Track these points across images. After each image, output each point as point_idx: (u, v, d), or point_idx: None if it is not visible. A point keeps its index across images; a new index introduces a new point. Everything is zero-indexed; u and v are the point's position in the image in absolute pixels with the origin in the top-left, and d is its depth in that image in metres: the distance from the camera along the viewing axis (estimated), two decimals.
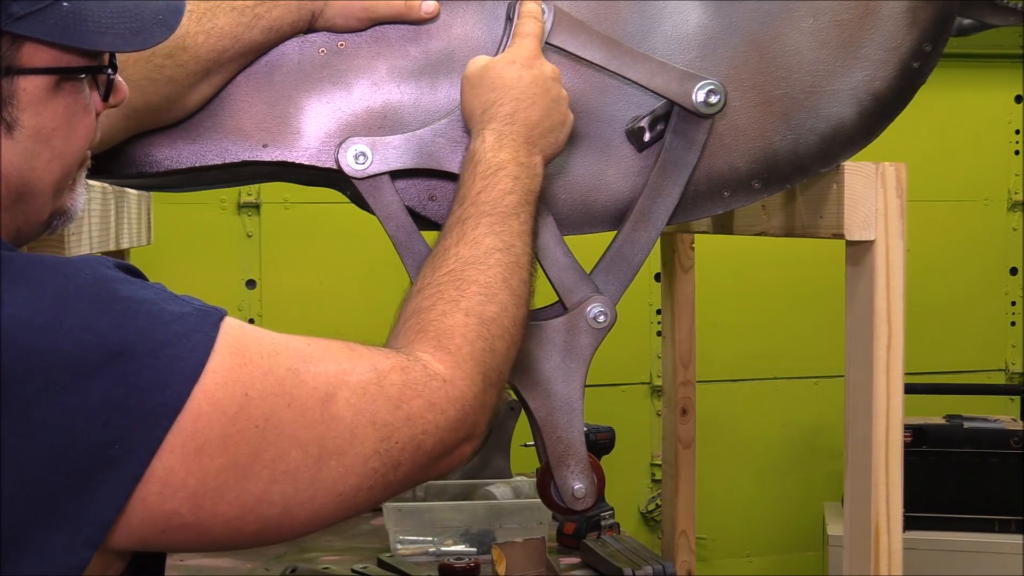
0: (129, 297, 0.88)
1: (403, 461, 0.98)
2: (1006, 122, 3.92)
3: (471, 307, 1.07)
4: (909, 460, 1.47)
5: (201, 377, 0.88)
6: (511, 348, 1.09)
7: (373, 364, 0.98)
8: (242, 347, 0.92)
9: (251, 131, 1.29)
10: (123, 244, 1.96)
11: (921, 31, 1.35)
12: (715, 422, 3.61)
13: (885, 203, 1.30)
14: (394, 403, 0.97)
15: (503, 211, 1.14)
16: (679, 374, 2.28)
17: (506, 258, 1.11)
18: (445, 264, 1.11)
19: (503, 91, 1.21)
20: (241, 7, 1.24)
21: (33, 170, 0.95)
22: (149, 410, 0.86)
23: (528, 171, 1.18)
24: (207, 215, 3.41)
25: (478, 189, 1.15)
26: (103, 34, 0.94)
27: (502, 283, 1.10)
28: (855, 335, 1.33)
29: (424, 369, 1.00)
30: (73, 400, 0.84)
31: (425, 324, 1.06)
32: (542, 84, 1.22)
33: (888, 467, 1.30)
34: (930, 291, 3.76)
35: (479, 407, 1.03)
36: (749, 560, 3.86)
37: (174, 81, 1.20)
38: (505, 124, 1.19)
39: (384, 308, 3.98)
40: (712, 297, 3.22)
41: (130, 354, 0.85)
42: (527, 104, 1.21)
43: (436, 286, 1.09)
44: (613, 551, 2.16)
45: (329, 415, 0.94)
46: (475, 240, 1.12)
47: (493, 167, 1.17)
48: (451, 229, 1.14)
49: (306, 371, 0.94)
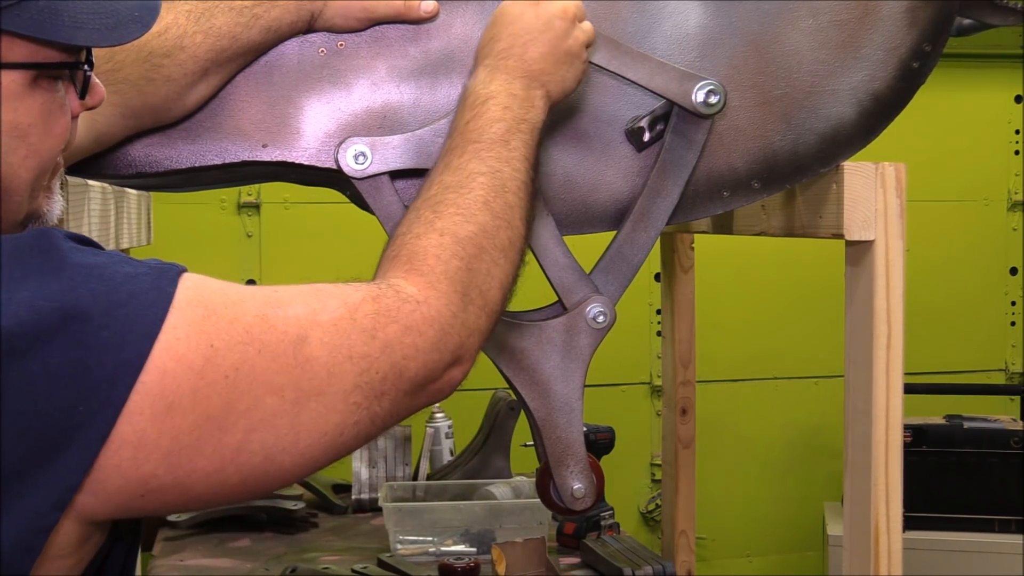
0: (79, 263, 0.88)
1: (386, 391, 0.97)
2: (1006, 122, 3.92)
3: (446, 227, 1.05)
4: (909, 460, 1.47)
5: (161, 333, 0.87)
6: (493, 268, 1.07)
7: (343, 299, 0.97)
8: (204, 299, 0.91)
9: (251, 131, 1.29)
10: (123, 244, 1.96)
11: (921, 31, 1.35)
12: (715, 422, 3.61)
13: (885, 203, 1.30)
14: (369, 334, 0.96)
15: (490, 138, 1.13)
16: (679, 374, 2.28)
17: (490, 181, 1.10)
18: (427, 192, 1.10)
19: (502, 27, 1.21)
20: (239, 7, 1.24)
21: (9, 166, 0.94)
22: (110, 370, 0.85)
23: (521, 102, 1.17)
24: (207, 215, 3.42)
25: (466, 119, 1.15)
26: (79, 29, 0.94)
27: (482, 205, 1.08)
28: (855, 335, 1.33)
29: (396, 294, 0.99)
30: (34, 366, 0.83)
31: (399, 249, 1.05)
32: (545, 20, 1.21)
33: (888, 467, 1.30)
34: (930, 291, 3.76)
35: (460, 326, 1.02)
36: (749, 560, 3.86)
37: (172, 81, 1.20)
38: (499, 59, 1.19)
39: None
40: (712, 297, 3.22)
41: (85, 316, 0.85)
42: (525, 40, 1.20)
43: (415, 211, 1.09)
44: (613, 551, 2.16)
45: (303, 357, 0.93)
46: (459, 167, 1.11)
47: (482, 98, 1.16)
48: (438, 162, 1.14)
49: (275, 316, 0.93)
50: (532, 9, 1.21)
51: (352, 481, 2.60)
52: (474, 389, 3.16)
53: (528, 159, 1.15)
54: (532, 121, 1.18)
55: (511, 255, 1.10)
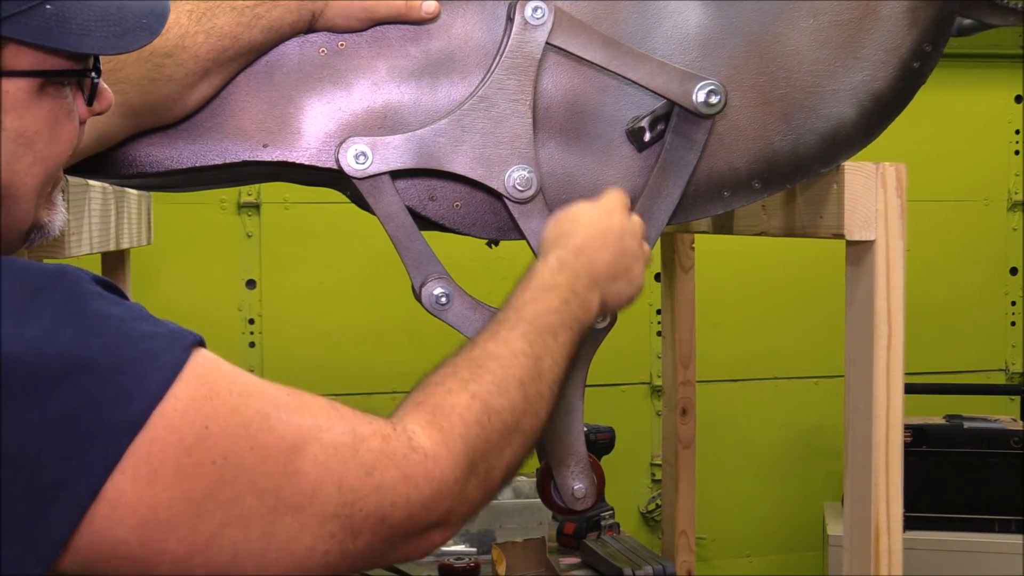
0: (98, 312, 0.86)
1: (364, 530, 0.94)
2: (1006, 122, 3.92)
3: (479, 391, 1.03)
4: (909, 460, 1.47)
5: (162, 402, 0.86)
6: (507, 449, 1.04)
7: (353, 427, 0.95)
8: (211, 380, 0.89)
9: (251, 131, 1.29)
10: (123, 244, 1.95)
11: (921, 31, 1.35)
12: (715, 422, 3.61)
13: (885, 203, 1.30)
14: (366, 470, 0.93)
15: (542, 325, 1.12)
16: (679, 374, 2.28)
17: (530, 364, 1.09)
18: (469, 351, 1.08)
19: (578, 226, 1.22)
20: (241, 7, 1.24)
21: (15, 173, 0.94)
22: (109, 427, 0.84)
23: (580, 302, 1.17)
24: (207, 215, 3.41)
25: (525, 300, 1.14)
26: (86, 36, 0.93)
27: (518, 384, 1.06)
28: (855, 335, 1.33)
29: (408, 441, 0.97)
30: (31, 412, 0.82)
31: (427, 397, 1.02)
32: (617, 233, 1.23)
33: (888, 467, 1.30)
34: (930, 291, 3.76)
35: (458, 493, 0.99)
36: (749, 560, 3.86)
37: (174, 80, 1.20)
38: (570, 254, 1.20)
39: (384, 308, 3.98)
40: (712, 297, 3.22)
41: (93, 368, 0.83)
42: (597, 245, 1.21)
43: (453, 366, 1.06)
44: (613, 551, 2.16)
45: (293, 468, 0.90)
46: (506, 340, 1.09)
47: (547, 285, 1.16)
48: (488, 327, 1.12)
49: (277, 419, 0.91)
50: (608, 219, 1.24)
51: None
52: None
53: (569, 358, 1.15)
54: (584, 323, 1.18)
55: (526, 443, 1.08)
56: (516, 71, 1.28)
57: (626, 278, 1.23)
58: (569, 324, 1.15)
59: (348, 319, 3.47)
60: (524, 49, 1.29)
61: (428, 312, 1.30)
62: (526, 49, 1.29)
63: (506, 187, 1.28)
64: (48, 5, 0.91)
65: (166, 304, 3.33)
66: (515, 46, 1.28)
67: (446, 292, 1.29)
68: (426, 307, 1.30)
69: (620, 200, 1.27)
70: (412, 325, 3.24)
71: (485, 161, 1.28)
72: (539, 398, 1.09)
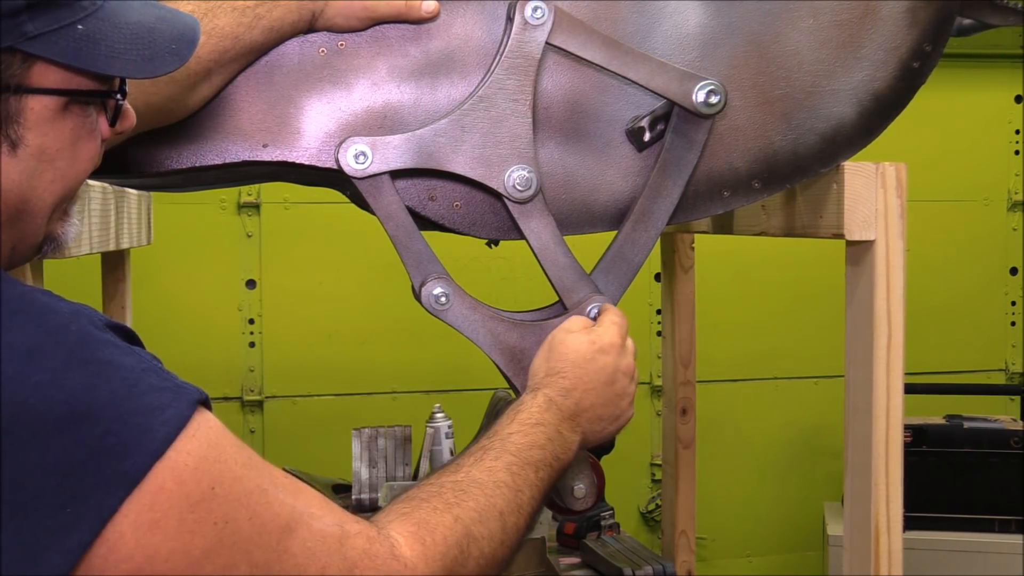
0: (107, 361, 0.87)
1: None
2: (1006, 122, 3.92)
3: (462, 515, 1.06)
4: (909, 460, 1.47)
5: (169, 452, 0.86)
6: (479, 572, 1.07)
7: (341, 522, 0.97)
8: (221, 445, 0.91)
9: (251, 131, 1.29)
10: (123, 244, 1.96)
11: (921, 31, 1.35)
12: (715, 422, 3.61)
13: (885, 203, 1.30)
14: (349, 565, 0.95)
15: (525, 459, 1.15)
16: (679, 374, 2.28)
17: (511, 496, 1.11)
18: (454, 474, 1.11)
19: (570, 366, 1.24)
20: (242, 7, 1.24)
21: (34, 189, 0.94)
22: (107, 477, 0.84)
23: (563, 442, 1.21)
24: (207, 215, 3.42)
25: (512, 431, 1.17)
26: (115, 59, 0.94)
27: (498, 515, 1.09)
28: (855, 335, 1.33)
29: (390, 549, 0.99)
30: (31, 456, 0.82)
31: (412, 511, 1.05)
32: (609, 374, 1.25)
33: (888, 467, 1.30)
34: (930, 291, 3.76)
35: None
36: (749, 560, 3.86)
37: (175, 81, 1.20)
38: (559, 395, 1.22)
39: (384, 308, 3.97)
40: (712, 297, 3.22)
41: (96, 419, 0.84)
42: (586, 387, 1.23)
43: (438, 486, 1.09)
44: (613, 551, 2.16)
45: (284, 547, 0.92)
46: (490, 469, 1.12)
47: (534, 420, 1.19)
48: (472, 452, 1.15)
49: (275, 497, 0.93)
50: (602, 357, 1.25)
51: (352, 481, 2.60)
52: (474, 389, 3.17)
53: (542, 497, 1.17)
54: (563, 461, 1.21)
55: (496, 570, 1.10)
56: (516, 71, 1.28)
57: (610, 419, 1.26)
58: (550, 462, 1.18)
59: (348, 319, 3.47)
60: (524, 49, 1.28)
61: (428, 312, 1.30)
62: (526, 49, 1.29)
63: (506, 187, 1.28)
64: (80, 26, 0.92)
65: (166, 304, 3.33)
66: (515, 46, 1.28)
67: (446, 292, 1.29)
68: (426, 307, 1.30)
69: (616, 332, 1.27)
70: (412, 325, 3.24)
71: (485, 161, 1.28)
72: (515, 530, 1.12)
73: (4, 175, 0.92)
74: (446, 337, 1.50)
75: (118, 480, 0.84)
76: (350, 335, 3.45)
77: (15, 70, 0.91)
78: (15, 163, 0.93)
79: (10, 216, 0.94)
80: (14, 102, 0.91)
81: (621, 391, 1.26)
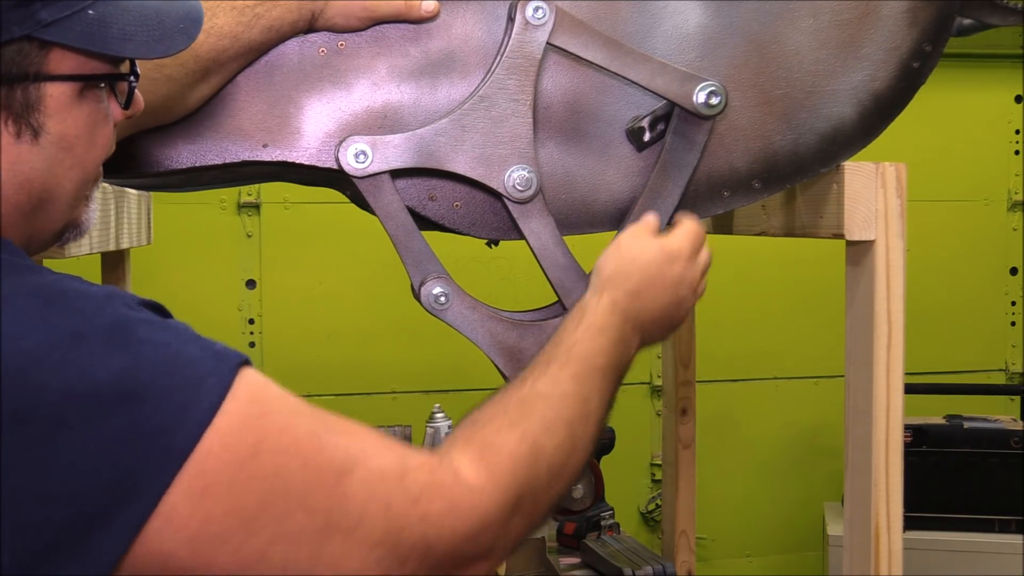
0: (147, 339, 0.88)
1: (410, 559, 0.94)
2: (1006, 122, 3.92)
3: (527, 432, 1.04)
4: (909, 460, 1.47)
5: (215, 419, 0.87)
6: (552, 487, 1.06)
7: (400, 457, 0.96)
8: (263, 399, 0.91)
9: (251, 131, 1.29)
10: (123, 244, 1.96)
11: (921, 31, 1.35)
12: (715, 422, 3.61)
13: (885, 203, 1.30)
14: (412, 498, 0.94)
15: (592, 366, 1.14)
16: (679, 374, 2.28)
17: (578, 406, 1.10)
18: (518, 390, 1.10)
19: (637, 268, 1.23)
20: (241, 7, 1.24)
21: (54, 176, 0.96)
22: (158, 454, 0.85)
23: (626, 348, 1.20)
24: (207, 215, 3.41)
25: (576, 340, 1.16)
26: (127, 41, 0.96)
27: (566, 425, 1.08)
28: (855, 335, 1.33)
29: (454, 475, 0.98)
30: (83, 440, 0.83)
31: (475, 434, 1.04)
32: (674, 283, 1.24)
33: (888, 467, 1.30)
34: (930, 291, 3.76)
35: (502, 528, 0.99)
36: (749, 560, 3.86)
37: (173, 80, 1.20)
38: (625, 297, 1.21)
39: (384, 308, 3.97)
40: (712, 297, 3.21)
41: (142, 397, 0.85)
42: (653, 292, 1.22)
43: (502, 404, 1.08)
44: (613, 551, 2.16)
45: (342, 490, 0.92)
46: (556, 380, 1.11)
47: (598, 326, 1.17)
48: (537, 364, 1.13)
49: (327, 440, 0.93)
50: (668, 267, 1.24)
51: None
52: (474, 389, 3.17)
53: (611, 401, 1.17)
54: (625, 366, 1.20)
55: (570, 481, 1.10)
56: (516, 71, 1.28)
57: (666, 327, 1.26)
58: (615, 367, 1.17)
59: (348, 319, 3.47)
60: (525, 49, 1.28)
61: (427, 312, 1.30)
62: (527, 49, 1.29)
63: (506, 187, 1.28)
64: (91, 11, 0.93)
65: (166, 304, 3.33)
66: (516, 46, 1.28)
67: (445, 292, 1.29)
68: (425, 306, 1.30)
69: (688, 241, 1.26)
70: (412, 325, 3.24)
71: (485, 161, 1.28)
72: (585, 438, 1.10)
73: (28, 164, 0.94)
74: (446, 337, 1.50)
75: (169, 456, 0.85)
76: (350, 335, 3.44)
77: (33, 58, 0.92)
78: (38, 151, 0.94)
79: (32, 205, 0.96)
80: (33, 90, 0.93)
81: (681, 301, 1.25)
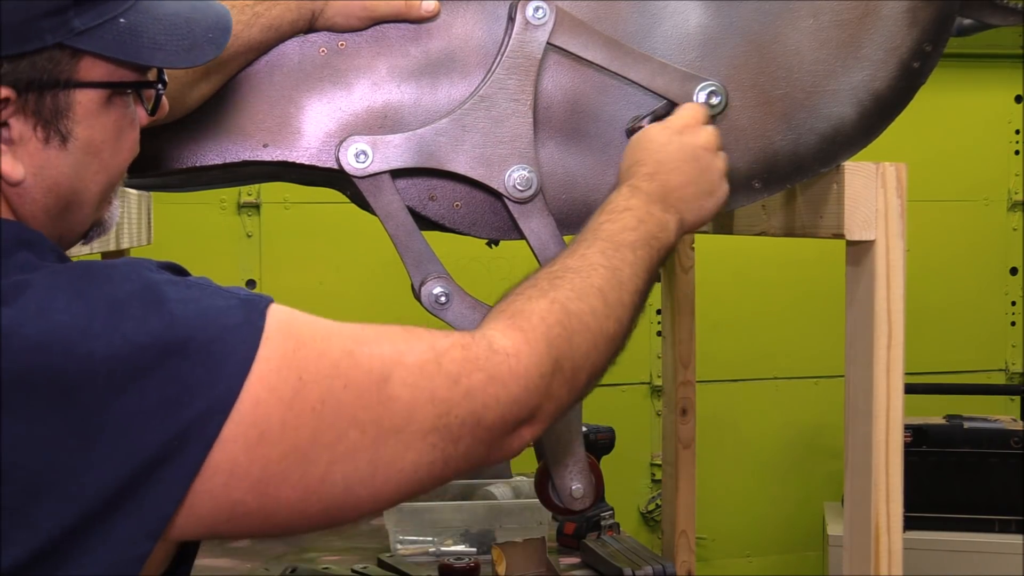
0: (177, 298, 0.90)
1: (463, 435, 0.98)
2: (1006, 122, 3.92)
3: (558, 297, 1.07)
4: (909, 460, 1.46)
5: (254, 365, 0.89)
6: (591, 350, 1.08)
7: (431, 343, 0.99)
8: (294, 332, 0.93)
9: (251, 131, 1.29)
10: (123, 244, 1.96)
11: (921, 31, 1.35)
12: (715, 422, 3.61)
13: (885, 203, 1.30)
14: (453, 379, 0.97)
15: (619, 241, 1.15)
16: (679, 374, 2.28)
17: (608, 275, 1.12)
18: (548, 268, 1.13)
19: (648, 153, 1.24)
20: (240, 6, 1.24)
21: (82, 180, 0.98)
22: (203, 406, 0.87)
23: (657, 221, 1.19)
24: (207, 215, 3.42)
25: (601, 222, 1.17)
26: (158, 50, 0.98)
27: (597, 291, 1.10)
28: (855, 335, 1.33)
29: (488, 345, 1.01)
30: (132, 401, 0.85)
31: (506, 306, 1.07)
32: (690, 151, 1.24)
33: (888, 467, 1.30)
34: (930, 291, 3.76)
35: (544, 389, 1.02)
36: (749, 560, 3.86)
37: (173, 79, 1.20)
38: (642, 181, 1.22)
39: (385, 308, 3.99)
40: (712, 297, 3.22)
41: (183, 352, 0.87)
42: (669, 168, 1.23)
43: (533, 279, 1.11)
44: (613, 551, 2.16)
45: (386, 396, 0.94)
46: (583, 256, 1.13)
47: (620, 208, 1.19)
48: (566, 249, 1.16)
49: (361, 353, 0.95)
50: (678, 139, 1.24)
51: None
52: None
53: (649, 272, 1.17)
54: (663, 241, 1.19)
55: (611, 347, 1.11)
56: (517, 71, 1.28)
57: (705, 194, 1.25)
58: (647, 241, 1.17)
59: (348, 319, 3.45)
60: (525, 49, 1.29)
61: (427, 311, 1.30)
62: (527, 49, 1.29)
63: (506, 187, 1.28)
64: (122, 19, 0.95)
65: None
66: (516, 46, 1.28)
67: (445, 291, 1.29)
68: (425, 306, 1.30)
69: (692, 115, 1.27)
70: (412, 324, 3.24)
71: (485, 161, 1.28)
72: (620, 305, 1.11)
73: (55, 169, 0.96)
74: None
75: (215, 406, 0.88)
76: None
77: (64, 65, 0.94)
78: (65, 156, 0.96)
79: (60, 208, 0.98)
80: (63, 97, 0.95)
81: (707, 165, 1.25)
